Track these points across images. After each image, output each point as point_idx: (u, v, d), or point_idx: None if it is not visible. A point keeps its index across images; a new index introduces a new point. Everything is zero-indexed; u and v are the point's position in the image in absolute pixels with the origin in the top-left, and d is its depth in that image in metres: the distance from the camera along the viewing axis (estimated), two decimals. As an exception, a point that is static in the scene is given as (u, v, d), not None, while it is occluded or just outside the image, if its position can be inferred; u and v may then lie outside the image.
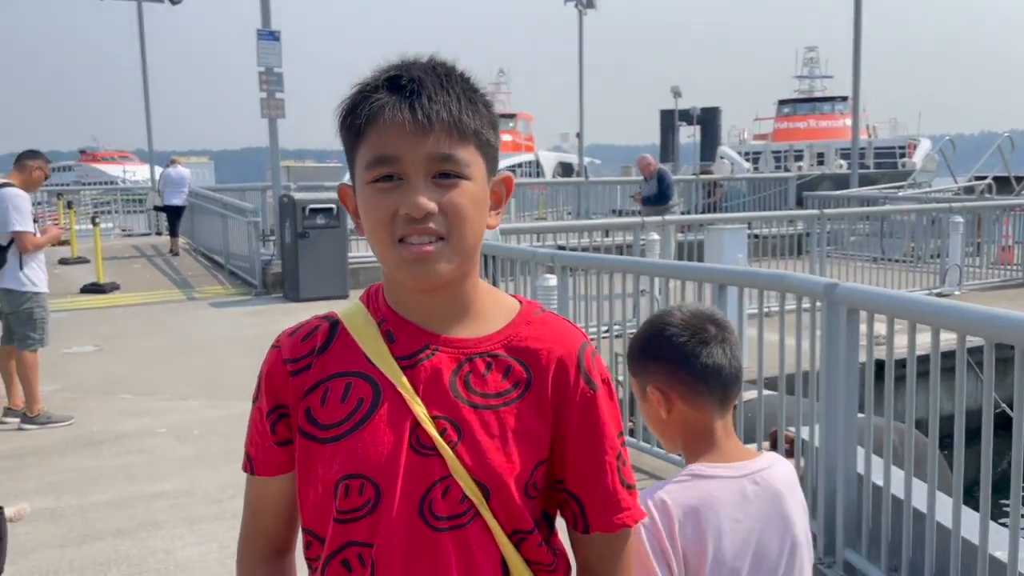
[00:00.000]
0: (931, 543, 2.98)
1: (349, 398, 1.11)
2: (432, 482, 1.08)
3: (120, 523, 4.21)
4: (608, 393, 1.15)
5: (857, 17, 17.98)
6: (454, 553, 1.08)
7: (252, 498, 1.24)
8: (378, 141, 1.06)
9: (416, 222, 1.05)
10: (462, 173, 1.06)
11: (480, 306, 1.15)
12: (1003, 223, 12.22)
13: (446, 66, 1.10)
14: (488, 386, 1.11)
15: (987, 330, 2.67)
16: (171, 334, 9.22)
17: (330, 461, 1.10)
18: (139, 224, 21.13)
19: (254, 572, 1.25)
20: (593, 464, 1.13)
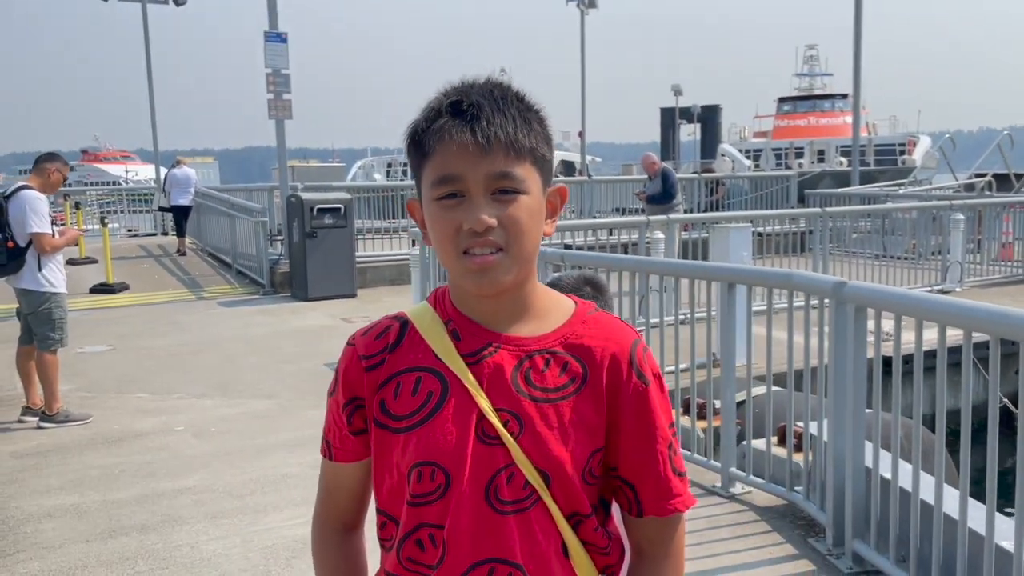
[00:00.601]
0: (938, 534, 3.07)
1: (420, 391, 1.21)
2: (497, 469, 1.17)
3: (144, 519, 4.31)
4: (659, 387, 1.23)
5: (858, 15, 18.06)
6: (518, 534, 1.18)
7: (327, 480, 1.35)
8: (442, 162, 1.15)
9: (478, 235, 1.14)
10: (519, 188, 1.16)
11: (538, 307, 1.24)
12: (1003, 220, 12.31)
13: (502, 88, 1.19)
14: (547, 381, 1.20)
15: (993, 327, 2.76)
16: (183, 333, 9.33)
17: (403, 449, 1.20)
18: (145, 224, 21.23)
19: (328, 545, 1.35)
20: (645, 453, 1.22)
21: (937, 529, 3.08)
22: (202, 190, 16.49)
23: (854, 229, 12.55)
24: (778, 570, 3.57)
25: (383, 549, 1.29)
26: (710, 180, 18.72)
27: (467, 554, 1.18)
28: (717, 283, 4.58)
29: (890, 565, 3.35)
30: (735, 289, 4.43)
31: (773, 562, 3.63)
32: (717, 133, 41.09)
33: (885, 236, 12.03)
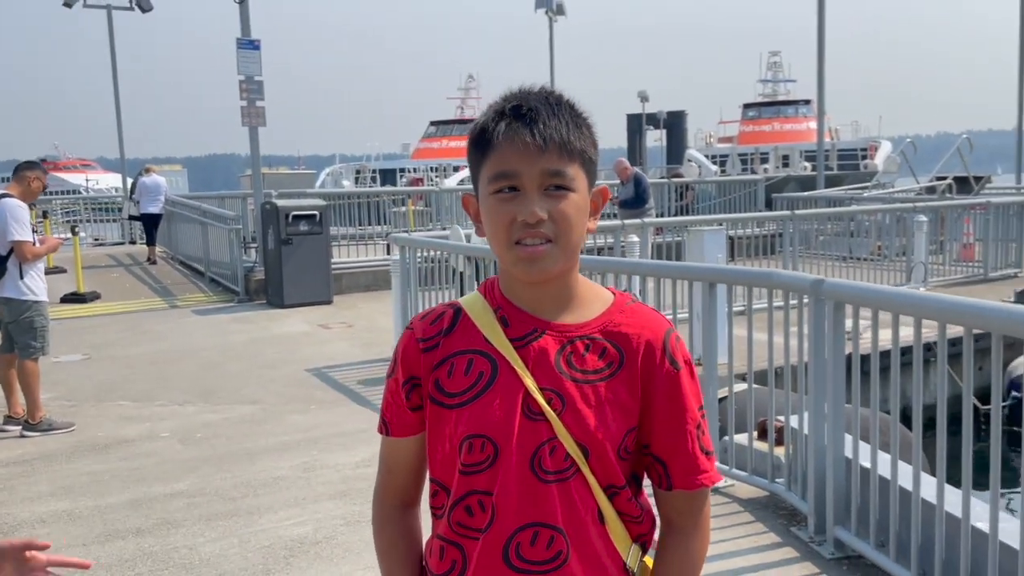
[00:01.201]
0: (917, 517, 3.23)
1: (472, 371, 1.32)
2: (541, 442, 1.29)
3: (139, 522, 4.34)
4: (689, 372, 1.35)
5: (820, 23, 18.47)
6: (559, 501, 1.30)
7: (386, 456, 1.45)
8: (501, 159, 1.27)
9: (531, 227, 1.26)
10: (569, 186, 1.28)
11: (580, 296, 1.36)
12: (964, 221, 12.69)
13: (556, 96, 1.31)
14: (587, 364, 1.32)
15: (966, 319, 2.93)
16: (159, 341, 9.30)
17: (456, 423, 1.32)
18: (111, 233, 21.01)
19: (387, 520, 1.46)
20: (676, 432, 1.33)
21: (915, 513, 3.23)
22: (173, 198, 16.39)
23: (821, 232, 12.85)
24: (763, 557, 3.70)
25: (435, 517, 1.40)
26: (679, 185, 18.98)
27: (513, 518, 1.29)
28: (699, 283, 4.72)
29: (871, 549, 3.50)
30: (716, 288, 4.57)
31: (758, 550, 3.76)
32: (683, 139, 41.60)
33: (851, 238, 12.33)
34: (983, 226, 12.12)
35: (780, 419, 4.29)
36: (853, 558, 3.62)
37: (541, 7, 26.76)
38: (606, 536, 1.33)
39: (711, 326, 4.53)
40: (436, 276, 7.41)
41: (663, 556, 1.39)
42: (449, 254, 7.33)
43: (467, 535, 1.32)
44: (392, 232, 11.39)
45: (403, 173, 39.31)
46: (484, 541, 1.31)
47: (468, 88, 56.29)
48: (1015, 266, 12.17)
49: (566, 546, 1.30)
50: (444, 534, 1.35)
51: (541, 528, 1.29)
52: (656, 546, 1.41)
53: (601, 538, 1.33)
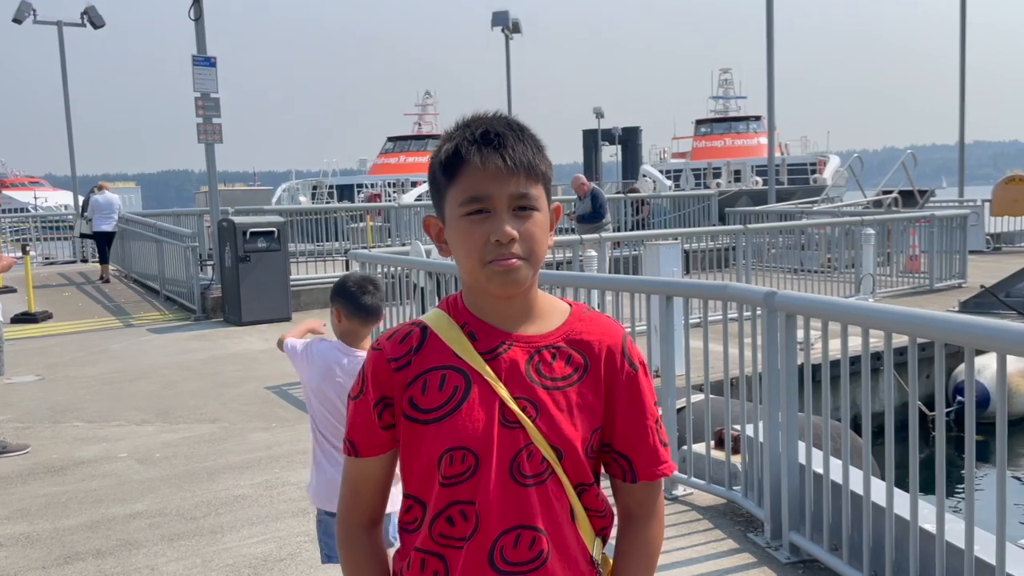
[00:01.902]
0: (868, 521, 3.35)
1: (446, 386, 1.38)
2: (519, 448, 1.36)
3: (98, 544, 4.29)
4: (644, 372, 1.45)
5: (769, 41, 18.91)
6: (539, 503, 1.37)
7: (354, 477, 1.49)
8: (472, 182, 1.34)
9: (503, 247, 1.33)
10: (534, 206, 1.36)
11: (541, 308, 1.44)
12: (910, 234, 13.07)
13: (518, 122, 1.40)
14: (555, 371, 1.40)
15: (910, 328, 3.06)
16: (114, 361, 9.16)
17: (433, 438, 1.37)
18: (63, 252, 20.61)
19: (358, 541, 1.50)
20: (638, 428, 1.44)
21: (866, 517, 3.35)
22: (127, 215, 16.15)
23: (773, 245, 13.12)
24: (721, 564, 3.79)
25: (405, 533, 1.44)
26: (635, 200, 19.22)
27: (496, 524, 1.36)
28: (656, 296, 4.83)
29: (825, 553, 3.61)
30: (672, 301, 4.68)
31: (716, 556, 3.85)
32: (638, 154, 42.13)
33: (802, 251, 12.62)
34: (928, 238, 12.50)
35: (736, 428, 4.40)
36: (808, 562, 3.73)
37: (498, 25, 26.98)
38: (576, 532, 1.41)
39: (668, 338, 4.63)
40: (397, 292, 7.43)
41: (624, 545, 1.48)
42: (410, 270, 7.36)
43: (450, 544, 1.38)
44: (351, 248, 11.38)
45: (361, 189, 39.14)
46: (468, 549, 1.36)
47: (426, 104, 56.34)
48: (959, 277, 12.56)
49: (547, 545, 1.37)
50: (424, 546, 1.40)
51: (523, 530, 1.36)
52: (616, 537, 1.50)
53: (573, 534, 1.41)
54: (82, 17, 20.49)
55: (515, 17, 27.10)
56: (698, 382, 4.83)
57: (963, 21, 22.63)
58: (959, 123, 23.19)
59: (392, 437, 1.43)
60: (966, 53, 22.61)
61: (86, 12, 20.43)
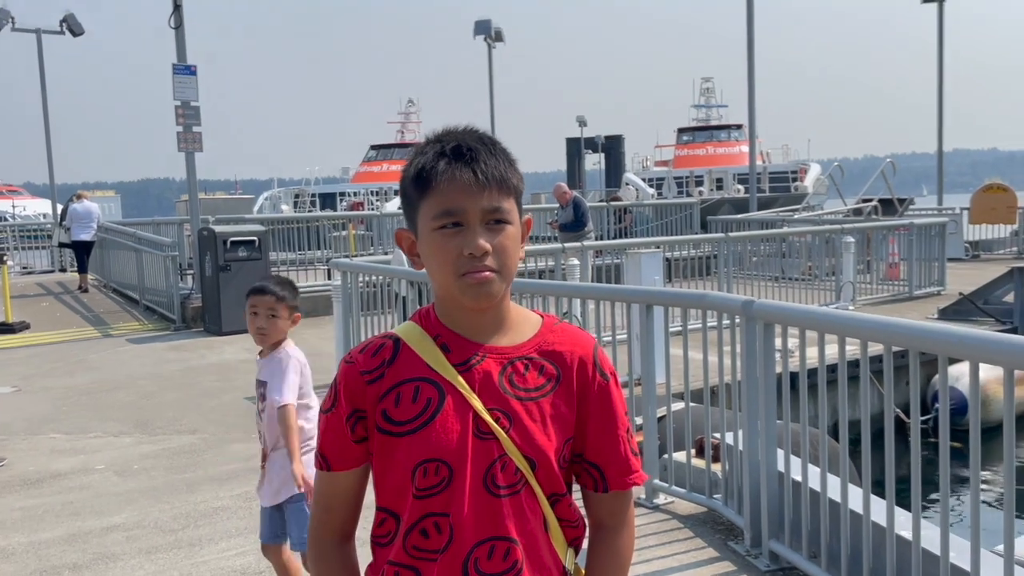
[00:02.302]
0: (845, 528, 3.37)
1: (420, 399, 1.38)
2: (493, 459, 1.36)
3: (75, 557, 4.24)
4: (615, 382, 1.46)
5: (750, 50, 19.06)
6: (512, 513, 1.37)
7: (326, 492, 1.48)
8: (445, 197, 1.34)
9: (476, 260, 1.34)
10: (506, 219, 1.37)
11: (513, 320, 1.44)
12: (889, 242, 13.19)
13: (489, 136, 1.41)
14: (528, 382, 1.40)
15: (885, 337, 3.08)
16: (92, 372, 9.08)
17: (407, 450, 1.37)
18: (41, 261, 20.42)
19: (330, 556, 1.49)
20: (609, 438, 1.44)
21: (844, 524, 3.37)
22: (106, 224, 16.04)
23: (754, 253, 13.21)
24: (700, 572, 3.80)
25: (378, 546, 1.44)
26: (618, 208, 19.29)
27: (471, 535, 1.36)
28: (636, 305, 4.84)
29: (804, 561, 3.63)
30: (653, 310, 4.70)
31: (697, 565, 3.86)
32: (621, 162, 42.32)
33: (783, 259, 12.70)
34: (907, 246, 12.61)
35: (716, 436, 4.42)
36: (787, 569, 3.74)
37: (480, 33, 27.06)
38: (550, 542, 1.42)
39: (648, 347, 4.64)
40: (378, 301, 7.41)
41: (595, 555, 1.48)
42: (391, 279, 7.35)
43: (424, 557, 1.37)
44: (333, 257, 11.35)
45: (343, 197, 39.05)
46: (442, 561, 1.36)
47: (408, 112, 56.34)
48: (938, 284, 12.68)
49: (520, 556, 1.37)
50: (397, 559, 1.39)
51: (497, 541, 1.36)
52: (587, 548, 1.50)
53: (547, 544, 1.41)
54: (61, 25, 20.37)
55: (498, 26, 27.21)
56: (679, 390, 4.85)
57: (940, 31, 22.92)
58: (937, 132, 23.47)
59: (364, 451, 1.42)
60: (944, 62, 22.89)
61: (65, 20, 20.32)
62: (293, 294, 3.39)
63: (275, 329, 3.34)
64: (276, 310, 3.33)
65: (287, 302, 3.35)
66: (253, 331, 3.37)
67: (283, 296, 3.33)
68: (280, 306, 3.33)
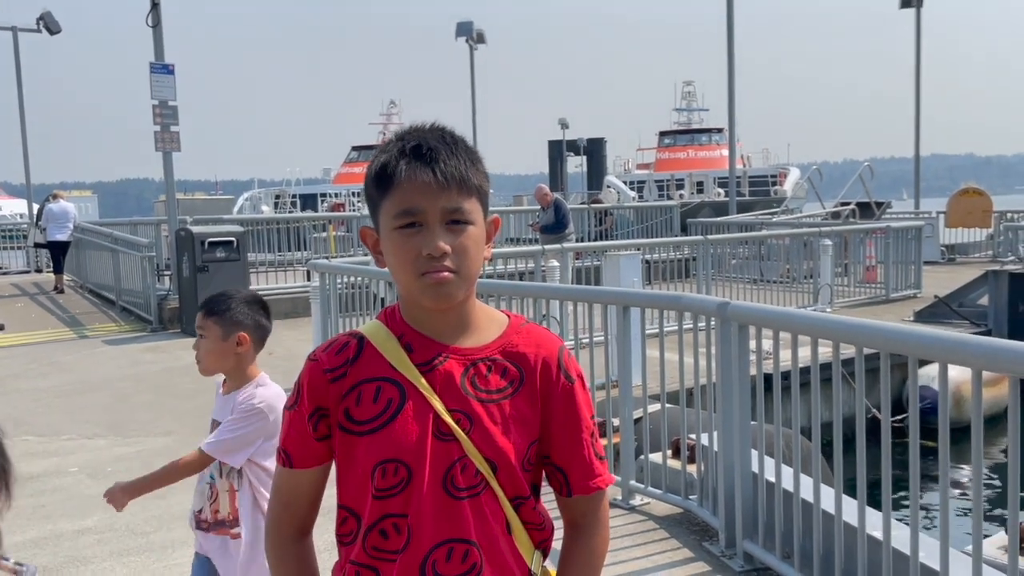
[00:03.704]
0: (818, 529, 3.38)
1: (380, 398, 1.37)
2: (452, 461, 1.35)
3: (46, 560, 4.20)
4: (581, 384, 1.45)
5: (730, 54, 19.18)
6: (472, 516, 1.36)
7: (285, 489, 1.47)
8: (404, 196, 1.34)
9: (435, 260, 1.33)
10: (468, 220, 1.36)
11: (477, 320, 1.43)
12: (867, 245, 13.31)
13: (452, 134, 1.39)
14: (490, 384, 1.39)
15: (857, 338, 3.11)
16: (67, 373, 8.98)
17: (367, 450, 1.36)
18: (15, 262, 20.20)
19: (288, 552, 1.48)
20: (573, 441, 1.43)
21: (816, 525, 3.39)
22: (83, 225, 15.88)
23: (733, 255, 13.28)
24: (675, 573, 3.81)
25: (342, 545, 1.43)
26: (599, 211, 19.34)
27: (429, 537, 1.35)
28: (613, 306, 4.85)
29: (777, 561, 3.64)
30: (629, 312, 4.71)
31: (671, 566, 3.87)
32: (603, 165, 42.45)
33: (762, 261, 12.78)
34: (884, 249, 12.72)
35: (692, 437, 4.43)
36: (761, 570, 3.76)
37: (462, 35, 27.04)
38: (513, 545, 1.41)
39: (625, 348, 4.66)
40: (357, 302, 7.39)
41: (568, 554, 1.48)
42: (370, 280, 7.33)
43: (383, 558, 1.37)
44: (312, 258, 11.30)
45: (324, 198, 38.91)
46: (401, 562, 1.35)
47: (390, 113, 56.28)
48: (915, 287, 12.80)
49: (480, 558, 1.36)
50: (358, 559, 1.39)
51: (456, 544, 1.36)
52: (561, 547, 1.50)
53: (509, 547, 1.40)
54: (38, 23, 20.17)
55: (479, 28, 27.21)
56: (655, 392, 4.86)
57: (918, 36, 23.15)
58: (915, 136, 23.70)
59: (327, 448, 1.42)
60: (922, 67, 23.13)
61: (42, 18, 20.12)
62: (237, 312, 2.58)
63: (204, 355, 2.60)
64: (203, 328, 2.59)
65: (221, 320, 2.56)
66: None
67: (214, 311, 2.58)
68: (208, 323, 2.58)
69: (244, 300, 2.63)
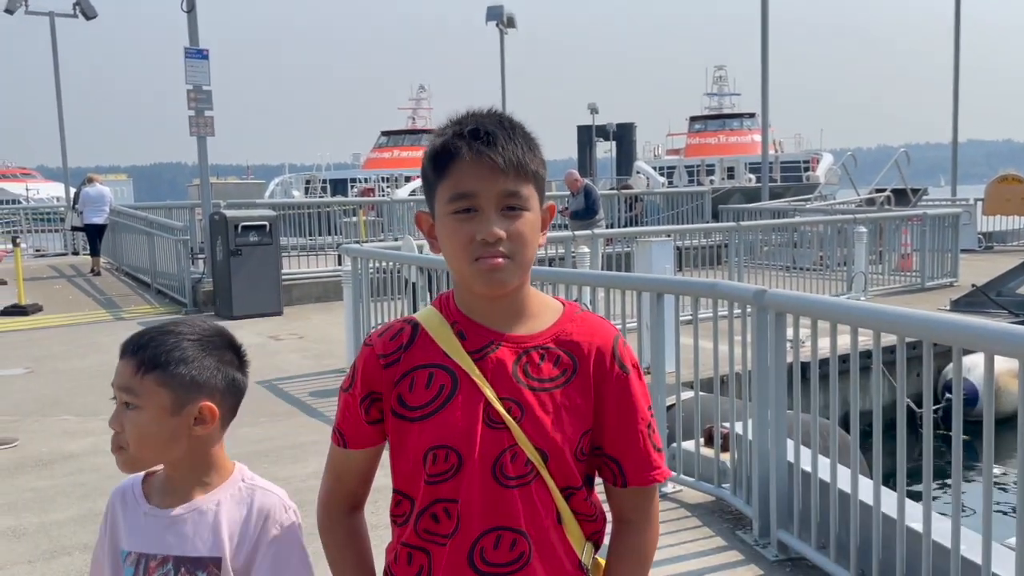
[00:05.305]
0: (855, 519, 3.35)
1: (433, 385, 1.38)
2: (502, 449, 1.35)
3: (86, 538, 4.27)
4: (637, 375, 1.43)
5: (764, 38, 18.93)
6: (521, 505, 1.36)
7: (338, 466, 1.50)
8: (459, 180, 1.33)
9: (489, 246, 1.31)
10: (524, 206, 1.34)
11: (532, 308, 1.42)
12: (902, 232, 13.11)
13: (510, 120, 1.38)
14: (543, 373, 1.38)
15: (899, 328, 3.06)
16: (104, 354, 9.10)
17: (419, 435, 1.37)
18: (53, 244, 20.53)
19: (337, 525, 1.51)
20: (628, 432, 1.41)
21: (854, 515, 3.36)
22: (118, 208, 16.10)
23: (765, 242, 13.15)
24: (709, 561, 3.80)
25: (395, 525, 1.45)
26: (629, 196, 19.22)
27: (478, 523, 1.35)
28: (647, 294, 4.82)
29: (812, 551, 3.62)
30: (663, 299, 4.68)
31: (704, 554, 3.86)
32: (632, 151, 42.13)
33: (794, 249, 12.64)
34: (919, 237, 12.53)
35: (726, 426, 4.41)
36: (796, 560, 3.73)
37: (492, 19, 26.94)
38: (563, 536, 1.40)
39: (659, 335, 4.63)
40: (388, 287, 7.42)
41: (617, 549, 1.46)
42: (401, 265, 7.35)
43: (434, 541, 1.38)
44: (343, 243, 11.37)
45: (354, 183, 39.06)
46: (450, 546, 1.36)
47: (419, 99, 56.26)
48: (951, 275, 12.59)
49: (528, 548, 1.36)
50: (410, 541, 1.40)
51: (504, 532, 1.35)
52: (609, 541, 1.48)
53: (559, 538, 1.39)
54: (74, 8, 20.38)
55: (510, 12, 27.08)
56: (688, 379, 4.84)
57: (957, 19, 22.69)
58: (952, 122, 23.27)
59: (378, 432, 1.43)
60: (960, 51, 22.67)
61: (78, 3, 20.31)
62: (197, 364, 1.52)
63: (136, 439, 1.53)
64: (134, 393, 1.53)
65: (170, 379, 1.51)
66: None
67: (156, 362, 1.51)
68: (145, 384, 1.52)
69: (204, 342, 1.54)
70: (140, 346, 1.55)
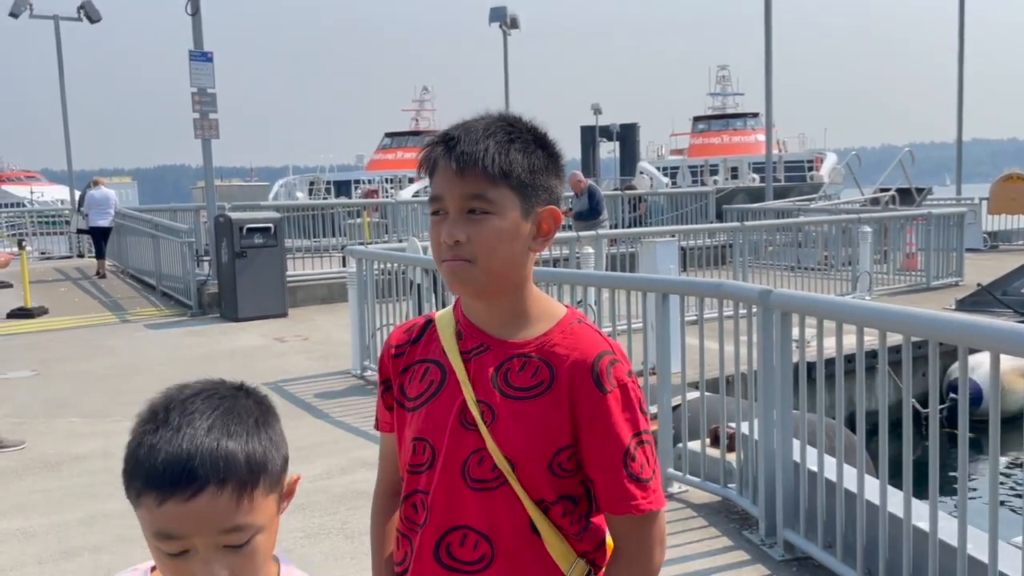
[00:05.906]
0: (861, 519, 3.36)
1: (426, 379, 1.43)
2: (470, 451, 1.36)
3: (95, 539, 4.29)
4: (621, 396, 1.33)
5: (768, 38, 18.92)
6: (484, 508, 1.35)
7: (380, 448, 1.58)
8: (435, 183, 1.36)
9: (450, 248, 1.33)
10: (488, 209, 1.31)
11: (531, 313, 1.40)
12: (907, 232, 13.08)
13: (498, 123, 1.35)
14: (520, 381, 1.36)
15: (904, 327, 3.07)
16: (110, 356, 9.15)
17: (409, 426, 1.43)
18: (59, 247, 20.59)
19: (379, 509, 1.58)
20: (600, 456, 1.34)
21: (860, 515, 3.36)
22: (123, 211, 16.15)
23: (770, 242, 13.14)
24: (715, 561, 3.81)
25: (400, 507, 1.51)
26: (632, 197, 19.22)
27: (443, 519, 1.38)
28: (652, 294, 4.83)
29: (819, 550, 3.62)
30: (669, 299, 4.69)
31: (711, 554, 3.86)
32: (635, 151, 42.12)
33: (799, 248, 12.63)
34: (924, 236, 12.51)
35: (732, 426, 4.41)
36: (802, 559, 3.74)
37: (495, 20, 26.95)
38: (541, 548, 1.36)
39: (664, 336, 4.64)
40: (393, 288, 7.43)
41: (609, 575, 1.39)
42: (406, 266, 7.36)
43: (413, 529, 1.42)
44: (348, 244, 11.40)
45: (358, 185, 39.10)
46: (421, 536, 1.40)
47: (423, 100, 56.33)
48: (956, 275, 12.57)
49: (490, 551, 1.35)
50: (399, 526, 1.47)
51: (469, 531, 1.37)
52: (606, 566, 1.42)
53: (534, 549, 1.35)
54: (79, 12, 20.45)
55: (513, 13, 27.09)
56: (694, 380, 4.84)
57: (961, 18, 22.64)
58: (957, 121, 23.22)
59: (394, 418, 1.50)
60: (964, 50, 22.63)
61: (83, 6, 20.39)
62: (273, 451, 1.24)
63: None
64: (238, 527, 1.12)
65: (274, 479, 1.21)
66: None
67: (255, 468, 1.17)
68: (254, 498, 1.14)
69: (264, 419, 1.24)
70: (231, 455, 1.14)
